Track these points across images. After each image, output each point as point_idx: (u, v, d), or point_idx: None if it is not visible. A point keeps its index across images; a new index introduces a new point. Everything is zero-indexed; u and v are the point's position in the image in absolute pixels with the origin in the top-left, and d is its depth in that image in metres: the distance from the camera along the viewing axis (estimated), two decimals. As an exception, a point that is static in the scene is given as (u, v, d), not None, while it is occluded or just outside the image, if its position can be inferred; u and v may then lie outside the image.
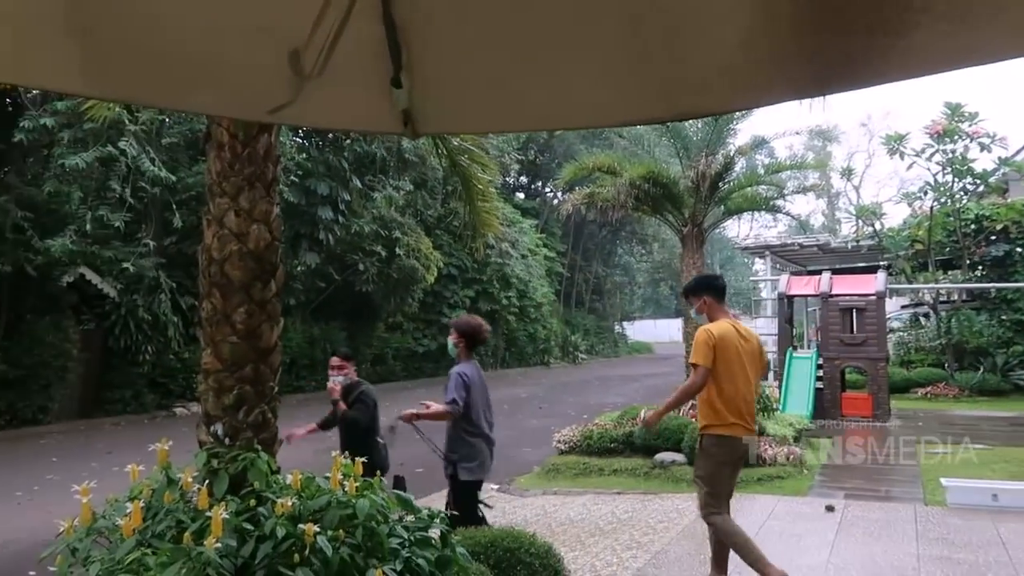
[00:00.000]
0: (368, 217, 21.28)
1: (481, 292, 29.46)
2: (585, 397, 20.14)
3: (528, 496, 8.70)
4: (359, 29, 1.90)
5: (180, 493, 3.52)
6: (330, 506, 3.61)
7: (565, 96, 2.01)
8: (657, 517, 7.52)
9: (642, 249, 47.80)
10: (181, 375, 18.22)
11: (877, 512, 7.55)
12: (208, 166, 4.45)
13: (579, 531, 7.11)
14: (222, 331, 4.14)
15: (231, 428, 4.04)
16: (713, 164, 13.63)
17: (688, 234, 13.67)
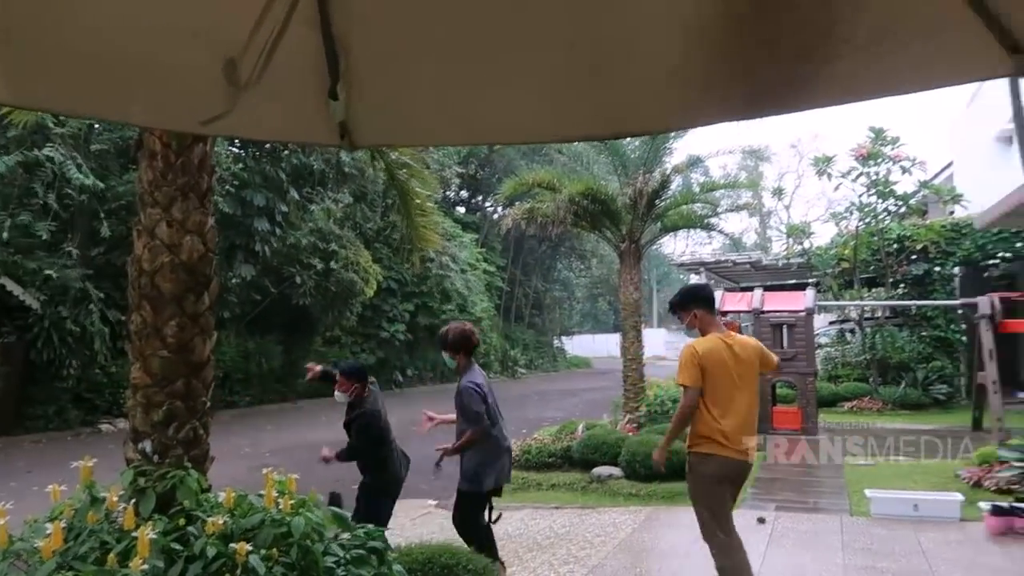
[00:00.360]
0: (306, 229, 21.03)
1: (421, 306, 29.30)
2: (524, 411, 20.10)
3: (465, 511, 8.62)
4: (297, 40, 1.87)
5: (104, 513, 3.41)
6: (264, 524, 3.55)
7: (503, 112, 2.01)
8: (594, 531, 7.52)
9: (581, 264, 48.11)
10: (108, 390, 17.50)
11: (806, 523, 7.67)
12: (140, 175, 4.34)
13: (517, 546, 7.06)
14: (152, 345, 4.04)
15: (160, 445, 3.94)
16: (650, 182, 13.78)
17: (626, 250, 13.78)
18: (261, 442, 14.25)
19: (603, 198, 13.77)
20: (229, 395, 20.05)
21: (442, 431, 6.03)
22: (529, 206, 14.93)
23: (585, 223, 14.60)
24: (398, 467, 5.92)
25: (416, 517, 8.22)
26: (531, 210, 14.73)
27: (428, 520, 8.23)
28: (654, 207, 14.16)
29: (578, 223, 14.64)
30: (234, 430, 13.73)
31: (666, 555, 6.75)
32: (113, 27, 1.74)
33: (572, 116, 1.97)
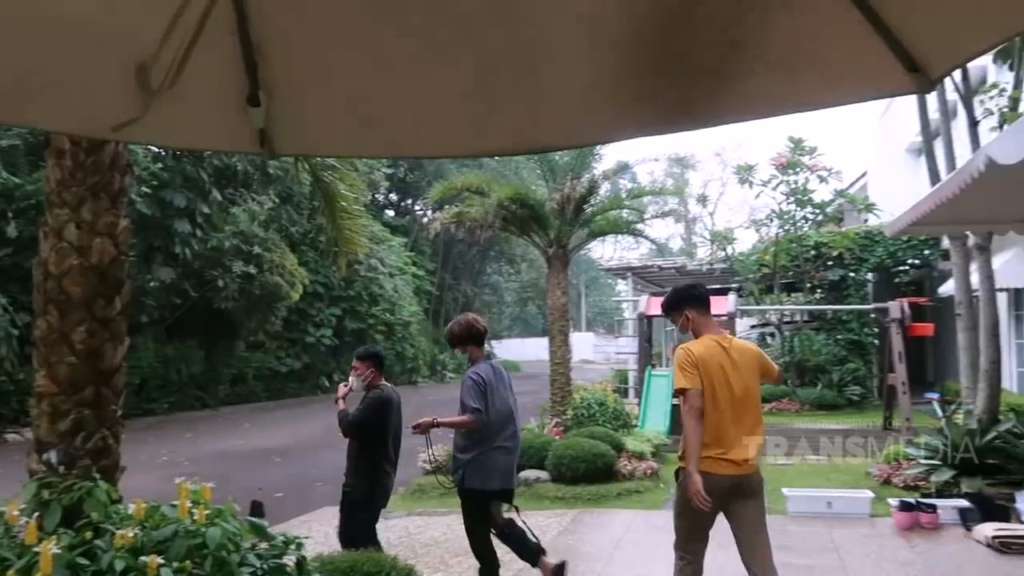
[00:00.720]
0: (228, 231, 20.61)
1: (348, 310, 28.96)
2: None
3: (391, 518, 8.52)
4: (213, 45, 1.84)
5: (4, 527, 3.28)
6: (177, 536, 3.46)
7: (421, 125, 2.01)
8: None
9: (510, 269, 48.27)
10: (15, 398, 16.63)
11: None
12: (47, 174, 4.20)
13: (443, 552, 7.05)
14: (59, 351, 3.91)
15: (67, 455, 3.81)
16: (578, 187, 13.87)
17: (554, 255, 13.85)
18: (179, 450, 13.87)
19: (532, 203, 13.83)
20: (146, 402, 19.44)
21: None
22: (458, 210, 14.91)
23: (514, 228, 14.63)
24: (391, 480, 5.75)
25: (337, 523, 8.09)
26: (460, 214, 14.70)
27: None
28: (582, 212, 14.27)
29: (507, 228, 14.67)
30: (151, 439, 13.34)
31: (591, 557, 6.80)
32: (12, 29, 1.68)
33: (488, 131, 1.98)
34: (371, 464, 5.55)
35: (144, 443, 11.59)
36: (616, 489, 9.06)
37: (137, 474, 4.74)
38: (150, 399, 19.69)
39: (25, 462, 3.90)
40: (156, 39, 1.76)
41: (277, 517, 5.03)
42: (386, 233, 32.20)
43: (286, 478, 5.79)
